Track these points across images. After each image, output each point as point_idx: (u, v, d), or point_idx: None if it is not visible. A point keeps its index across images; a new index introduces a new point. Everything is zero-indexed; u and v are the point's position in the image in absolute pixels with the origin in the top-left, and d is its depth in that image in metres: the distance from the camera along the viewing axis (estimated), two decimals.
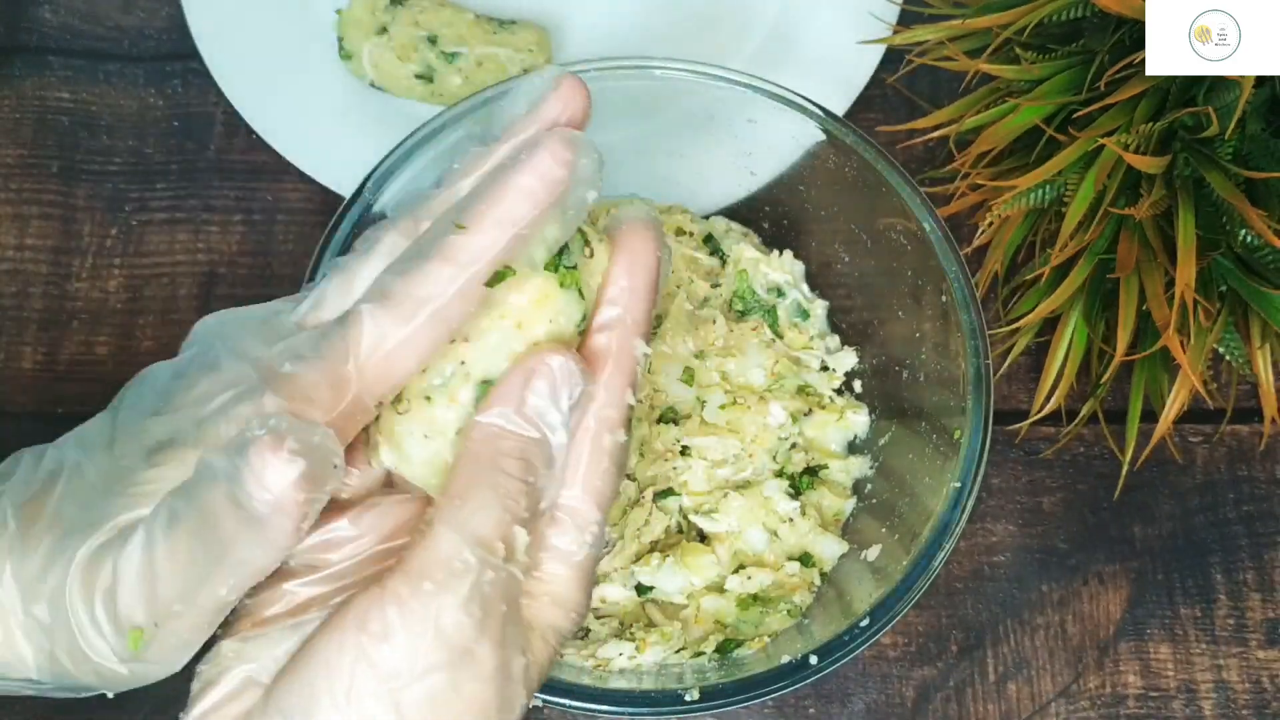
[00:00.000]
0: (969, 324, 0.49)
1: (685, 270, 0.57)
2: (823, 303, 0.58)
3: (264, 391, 0.32)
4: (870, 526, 0.52)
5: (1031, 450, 0.59)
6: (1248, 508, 0.58)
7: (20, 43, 0.65)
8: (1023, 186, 0.52)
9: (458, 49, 0.61)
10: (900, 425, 0.54)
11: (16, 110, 0.64)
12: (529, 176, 0.33)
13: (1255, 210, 0.48)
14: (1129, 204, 0.50)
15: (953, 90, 0.62)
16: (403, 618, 0.30)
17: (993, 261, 0.56)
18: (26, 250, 0.61)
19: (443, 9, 0.62)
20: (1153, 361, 0.54)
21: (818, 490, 0.54)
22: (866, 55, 0.62)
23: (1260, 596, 0.56)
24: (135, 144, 0.63)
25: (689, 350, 0.54)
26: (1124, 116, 0.50)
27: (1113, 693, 0.55)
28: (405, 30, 0.61)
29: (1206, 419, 0.59)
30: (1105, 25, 0.52)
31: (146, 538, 0.30)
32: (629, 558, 0.51)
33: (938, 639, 0.56)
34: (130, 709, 0.53)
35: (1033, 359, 0.59)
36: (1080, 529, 0.57)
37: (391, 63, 0.61)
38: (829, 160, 0.53)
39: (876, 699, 0.55)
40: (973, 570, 0.57)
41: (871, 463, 0.54)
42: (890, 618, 0.45)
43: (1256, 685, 0.55)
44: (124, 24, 0.66)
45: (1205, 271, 0.51)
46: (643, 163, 0.58)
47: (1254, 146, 0.50)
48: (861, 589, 0.48)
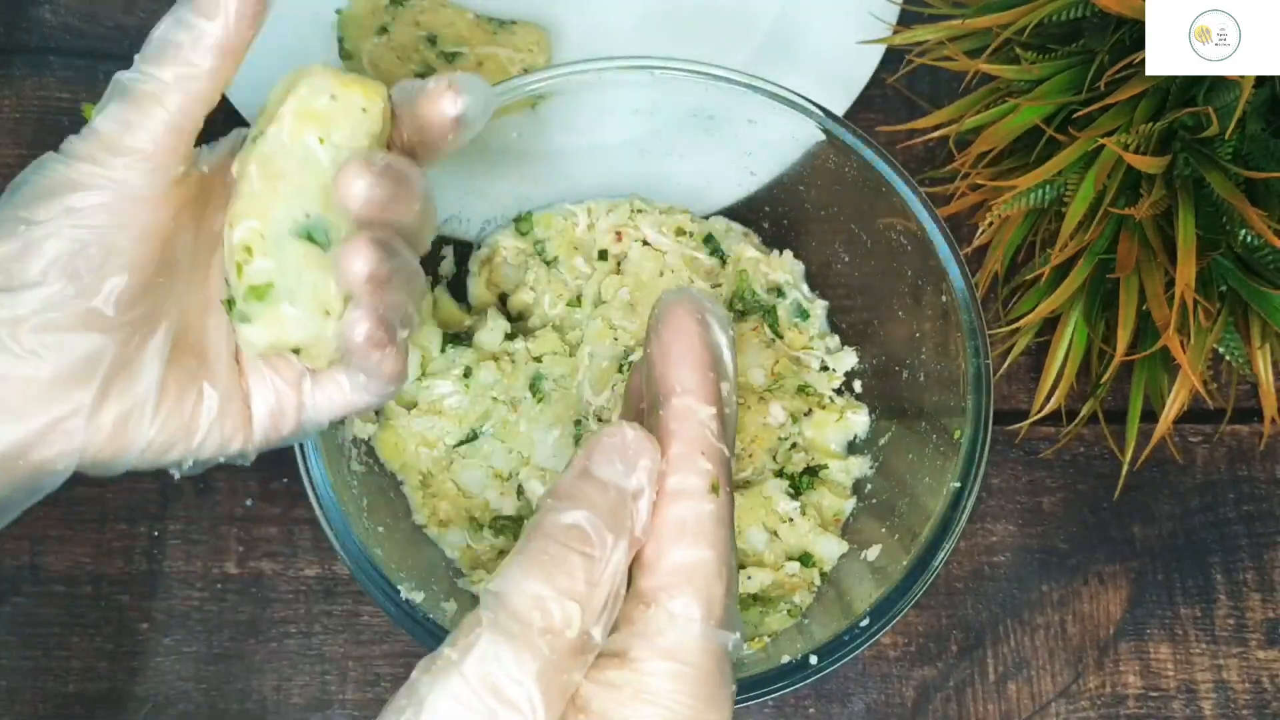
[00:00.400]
0: (969, 324, 0.49)
1: (685, 270, 0.57)
2: (823, 303, 0.58)
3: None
4: (870, 526, 0.52)
5: (1031, 450, 0.59)
6: (1248, 508, 0.58)
7: (20, 43, 0.65)
8: (1023, 186, 0.52)
9: (458, 49, 0.61)
10: (900, 425, 0.54)
11: (17, 110, 0.64)
12: None
13: (1255, 210, 0.48)
14: (1129, 204, 0.50)
15: (953, 90, 0.62)
16: (432, 679, 0.30)
17: (993, 261, 0.56)
18: None
19: (443, 9, 0.62)
20: (1153, 361, 0.54)
21: (818, 490, 0.54)
22: (866, 55, 0.62)
23: (1260, 596, 0.56)
24: None
25: None
26: (1124, 116, 0.50)
27: (1113, 693, 0.55)
28: (405, 30, 0.61)
29: (1206, 419, 0.59)
30: (1105, 25, 0.52)
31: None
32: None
33: (938, 639, 0.56)
34: (130, 709, 0.53)
35: (1033, 359, 0.59)
36: (1080, 529, 0.57)
37: (392, 63, 0.61)
38: (829, 160, 0.53)
39: (876, 699, 0.55)
40: (973, 570, 0.57)
41: (871, 463, 0.54)
42: (890, 618, 0.45)
43: (1256, 685, 0.55)
44: (124, 24, 0.66)
45: (1205, 271, 0.51)
46: (643, 163, 0.58)
47: (1254, 146, 0.50)
48: (861, 589, 0.48)
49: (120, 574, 0.55)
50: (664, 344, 0.34)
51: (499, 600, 0.30)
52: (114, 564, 0.56)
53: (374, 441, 0.53)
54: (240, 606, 0.55)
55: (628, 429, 0.32)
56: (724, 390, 0.34)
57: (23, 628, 0.55)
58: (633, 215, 0.58)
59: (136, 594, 0.55)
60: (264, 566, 0.56)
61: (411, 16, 0.62)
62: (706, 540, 0.32)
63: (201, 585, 0.55)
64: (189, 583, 0.55)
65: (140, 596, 0.55)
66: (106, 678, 0.54)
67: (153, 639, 0.55)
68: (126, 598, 0.55)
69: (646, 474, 0.32)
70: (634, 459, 0.32)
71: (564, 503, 0.31)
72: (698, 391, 0.33)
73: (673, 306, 0.34)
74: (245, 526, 0.56)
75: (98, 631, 0.55)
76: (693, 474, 0.32)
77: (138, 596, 0.55)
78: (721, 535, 0.32)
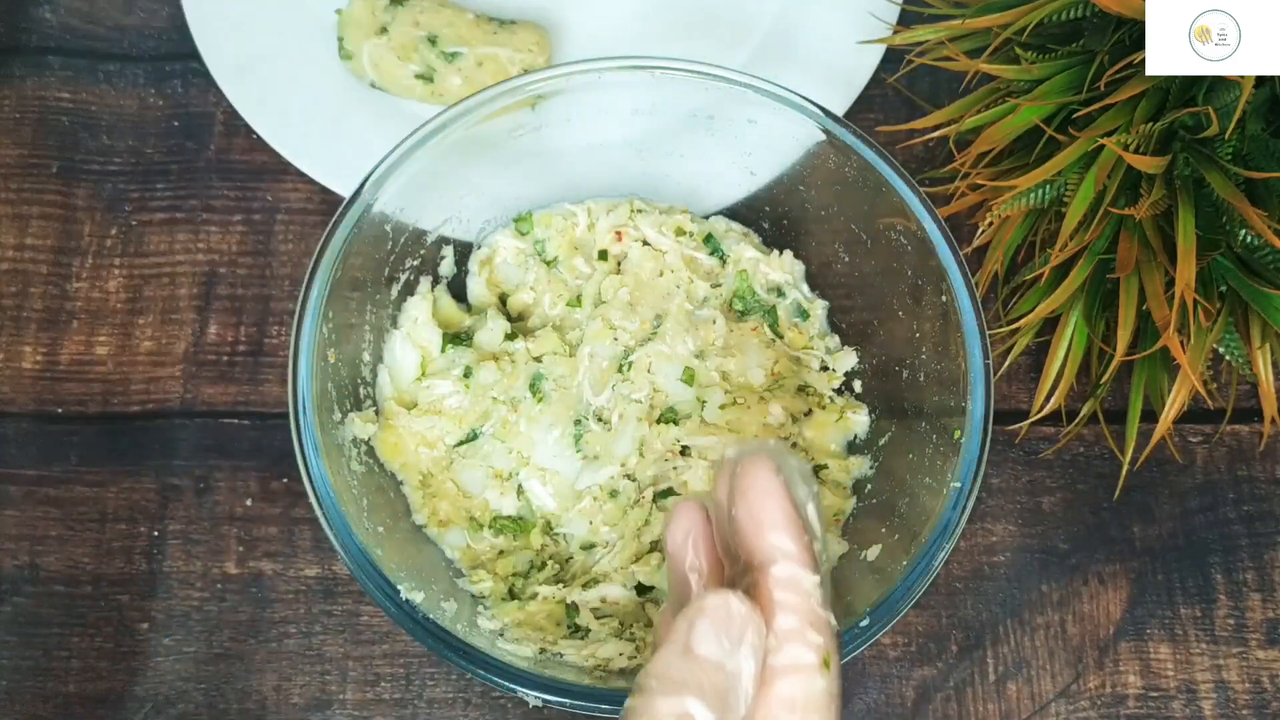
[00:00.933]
0: (969, 324, 0.49)
1: (685, 270, 0.57)
2: (823, 303, 0.58)
3: None
4: (870, 526, 0.52)
5: (1031, 450, 0.59)
6: (1247, 508, 0.58)
7: (20, 43, 0.65)
8: (1023, 186, 0.52)
9: (458, 49, 0.61)
10: (900, 425, 0.54)
11: (16, 110, 0.64)
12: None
13: (1255, 210, 0.48)
14: (1129, 204, 0.50)
15: (953, 90, 0.62)
16: None
17: (993, 261, 0.56)
18: (26, 250, 0.61)
19: (443, 9, 0.62)
20: (1153, 361, 0.54)
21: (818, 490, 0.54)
22: (866, 55, 0.62)
23: (1260, 596, 0.56)
24: (135, 144, 0.63)
25: (689, 350, 0.54)
26: (1124, 116, 0.50)
27: (1113, 693, 0.55)
28: (405, 30, 0.61)
29: (1206, 419, 0.59)
30: (1105, 25, 0.52)
31: None
32: (629, 558, 0.51)
33: (938, 639, 0.56)
34: (130, 709, 0.53)
35: (1033, 359, 0.59)
36: (1080, 529, 0.57)
37: (392, 63, 0.61)
38: (829, 160, 0.53)
39: (876, 699, 0.55)
40: (973, 570, 0.57)
41: (871, 463, 0.54)
42: (890, 618, 0.45)
43: (1256, 685, 0.55)
44: (124, 24, 0.66)
45: (1205, 271, 0.51)
46: (643, 163, 0.58)
47: (1254, 146, 0.50)
48: (861, 589, 0.48)
49: (120, 574, 0.55)
50: (753, 507, 0.31)
51: None
52: (114, 564, 0.56)
53: (374, 441, 0.53)
54: (240, 606, 0.55)
55: (733, 599, 0.30)
56: (816, 550, 0.32)
57: (23, 628, 0.55)
58: (632, 215, 0.58)
59: (136, 594, 0.55)
60: (264, 566, 0.56)
61: (411, 17, 0.62)
62: (820, 718, 0.30)
63: (201, 585, 0.55)
64: (189, 583, 0.55)
65: (140, 596, 0.55)
66: (106, 678, 0.54)
67: (153, 639, 0.55)
68: (126, 598, 0.55)
69: (754, 650, 0.30)
70: (740, 634, 0.29)
71: (669, 686, 0.29)
72: (799, 557, 0.31)
73: (755, 464, 0.32)
74: (245, 526, 0.56)
75: (98, 631, 0.55)
76: (802, 647, 0.31)
77: (138, 597, 0.55)
78: (834, 711, 0.31)
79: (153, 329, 0.60)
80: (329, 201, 0.62)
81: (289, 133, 0.61)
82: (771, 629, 0.30)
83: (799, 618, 0.31)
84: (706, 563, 0.35)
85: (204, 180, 0.63)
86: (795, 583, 0.31)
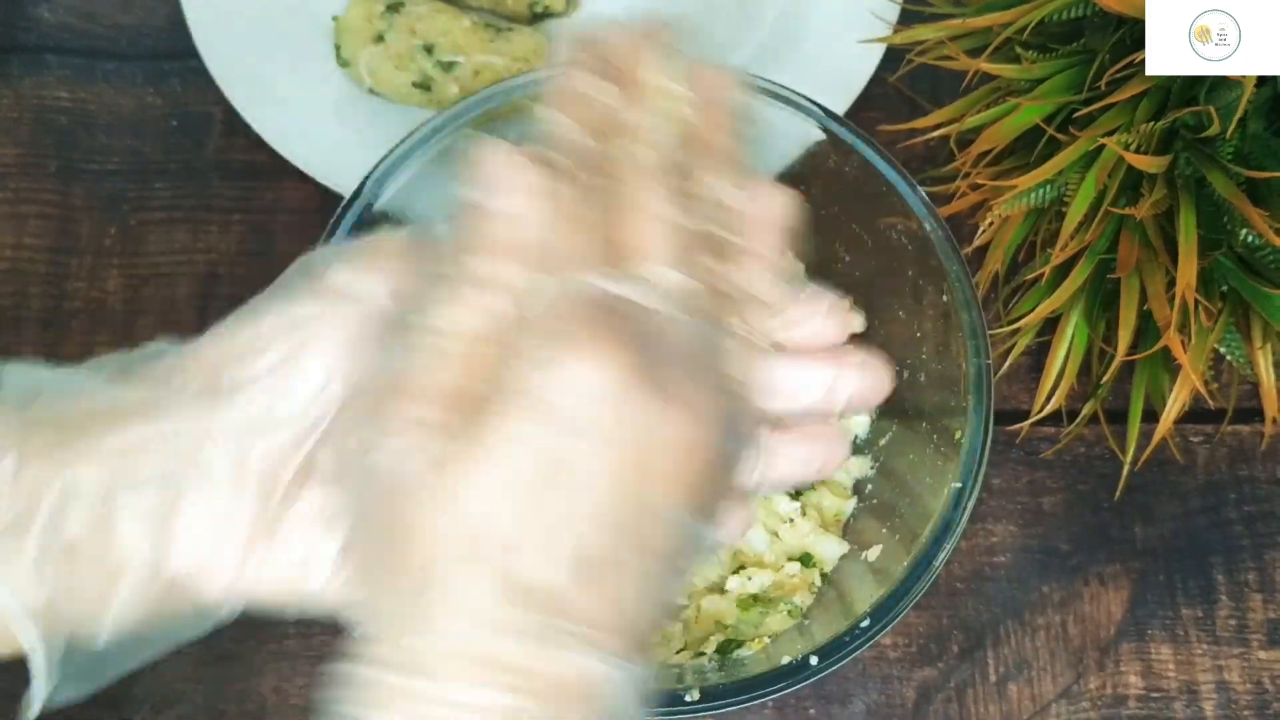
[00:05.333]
0: (969, 324, 0.49)
1: None
2: None
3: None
4: (870, 527, 0.52)
5: (1032, 450, 0.58)
6: (1249, 508, 0.58)
7: (18, 42, 0.65)
8: (1023, 186, 0.52)
9: (454, 58, 0.61)
10: (900, 425, 0.54)
11: (14, 109, 0.64)
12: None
13: (1257, 210, 0.48)
14: (1130, 204, 0.50)
15: (953, 89, 0.62)
16: None
17: (993, 261, 0.56)
18: (25, 250, 0.61)
19: (440, 15, 0.62)
20: (1154, 361, 0.54)
21: (818, 490, 0.54)
22: (867, 54, 0.62)
23: (1262, 597, 0.56)
24: (133, 143, 0.63)
25: None
26: (1125, 116, 0.50)
27: (1114, 694, 0.55)
28: (402, 38, 0.61)
29: (1207, 419, 0.59)
30: (1106, 24, 0.52)
31: None
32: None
33: (938, 640, 0.56)
34: (130, 709, 0.53)
35: (1033, 359, 0.59)
36: (1081, 529, 0.57)
37: (389, 71, 0.61)
38: (829, 160, 0.53)
39: (877, 700, 0.55)
40: (973, 571, 0.57)
41: (871, 463, 0.54)
42: (891, 618, 0.45)
43: (1258, 686, 0.55)
44: (122, 23, 0.66)
45: (1206, 271, 0.51)
46: None
47: (1255, 146, 0.50)
48: (862, 589, 0.48)
49: None
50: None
51: None
52: None
53: None
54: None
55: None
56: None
57: None
58: None
59: None
60: None
61: (408, 24, 0.61)
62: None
63: None
64: None
65: None
66: None
67: None
68: None
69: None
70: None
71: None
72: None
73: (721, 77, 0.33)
74: None
75: None
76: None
77: None
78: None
79: (152, 329, 0.60)
80: (329, 201, 0.62)
81: (288, 133, 0.61)
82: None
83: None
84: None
85: (203, 180, 0.62)
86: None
